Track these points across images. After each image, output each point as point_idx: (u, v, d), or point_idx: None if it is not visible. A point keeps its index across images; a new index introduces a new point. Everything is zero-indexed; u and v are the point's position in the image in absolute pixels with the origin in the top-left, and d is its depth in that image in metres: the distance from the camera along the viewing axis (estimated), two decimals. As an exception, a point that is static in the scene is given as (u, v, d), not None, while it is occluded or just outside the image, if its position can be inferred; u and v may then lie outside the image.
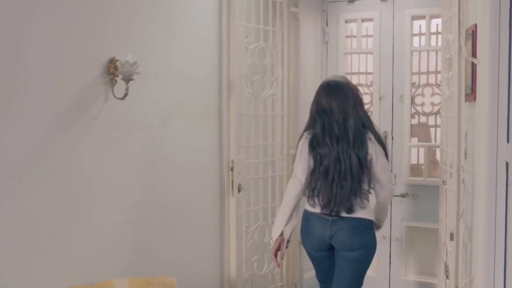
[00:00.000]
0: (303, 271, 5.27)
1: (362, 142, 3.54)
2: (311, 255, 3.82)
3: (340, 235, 3.60)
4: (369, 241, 3.63)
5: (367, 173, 3.59)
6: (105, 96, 3.28)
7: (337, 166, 3.53)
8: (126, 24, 3.44)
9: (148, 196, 3.63)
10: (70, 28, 3.09)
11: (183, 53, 3.90)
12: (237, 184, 4.27)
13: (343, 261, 3.64)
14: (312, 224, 3.69)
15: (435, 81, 5.11)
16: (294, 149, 3.79)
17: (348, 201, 3.55)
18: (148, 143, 3.63)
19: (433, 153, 5.22)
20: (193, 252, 4.02)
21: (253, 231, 4.47)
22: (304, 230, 3.76)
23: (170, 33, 3.79)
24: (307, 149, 3.59)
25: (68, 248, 3.11)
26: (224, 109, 4.23)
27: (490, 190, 3.43)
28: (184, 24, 3.91)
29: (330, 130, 3.55)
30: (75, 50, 3.11)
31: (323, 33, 5.47)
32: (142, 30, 3.56)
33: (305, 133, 3.67)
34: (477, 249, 3.58)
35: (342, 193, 3.53)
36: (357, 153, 3.52)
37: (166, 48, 3.75)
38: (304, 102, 5.17)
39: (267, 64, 4.59)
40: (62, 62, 3.04)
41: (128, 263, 3.47)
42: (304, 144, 3.62)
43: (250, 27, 4.40)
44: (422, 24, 5.14)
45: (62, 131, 3.07)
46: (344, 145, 3.52)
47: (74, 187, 3.14)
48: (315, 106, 3.64)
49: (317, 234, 3.67)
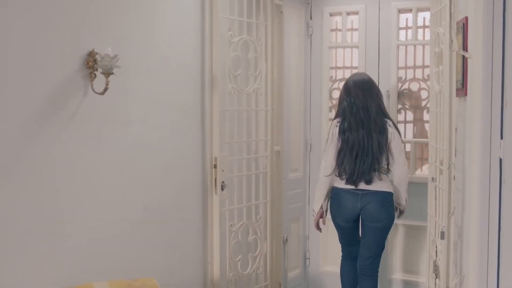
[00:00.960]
0: (287, 271, 5.20)
1: (383, 127, 4.25)
2: (340, 226, 4.47)
3: (369, 207, 4.28)
4: (391, 213, 4.34)
5: (386, 153, 4.27)
6: (84, 90, 3.18)
7: (361, 144, 4.21)
8: (106, 15, 3.34)
9: (129, 195, 3.55)
10: (46, 19, 2.96)
11: (165, 46, 3.81)
12: (221, 182, 4.19)
13: (370, 230, 4.36)
14: (344, 198, 4.34)
15: (422, 75, 5.03)
16: (327, 135, 4.49)
17: (368, 174, 4.24)
18: (129, 139, 3.54)
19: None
20: (176, 252, 3.95)
21: (237, 230, 4.39)
22: (336, 205, 4.39)
23: (151, 26, 3.69)
24: (337, 134, 4.30)
25: (48, 250, 3.03)
26: (206, 105, 4.15)
27: (484, 187, 3.37)
28: (166, 16, 3.82)
29: (356, 116, 4.25)
30: (51, 42, 3.00)
31: (307, 27, 5.36)
32: (122, 22, 3.46)
33: (334, 120, 4.39)
34: (468, 248, 3.52)
35: (364, 167, 4.22)
36: (377, 136, 4.22)
37: (148, 41, 3.66)
38: (289, 97, 5.09)
39: (251, 58, 4.50)
40: (38, 55, 2.93)
41: (109, 265, 3.39)
42: (334, 129, 4.32)
43: (233, 19, 4.30)
44: (408, 17, 5.06)
45: (39, 128, 2.96)
46: (367, 129, 4.22)
47: (54, 187, 3.06)
48: (345, 95, 4.35)
49: (350, 207, 4.32)
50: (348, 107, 4.30)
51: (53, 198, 3.05)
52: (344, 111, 4.33)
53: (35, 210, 2.94)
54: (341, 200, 4.36)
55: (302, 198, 5.44)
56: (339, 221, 4.44)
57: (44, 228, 2.99)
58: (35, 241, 2.94)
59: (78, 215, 3.19)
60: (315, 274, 5.50)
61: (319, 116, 5.40)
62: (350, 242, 4.55)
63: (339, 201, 4.36)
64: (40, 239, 2.97)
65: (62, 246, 3.10)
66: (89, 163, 3.26)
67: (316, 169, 5.40)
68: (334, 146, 4.32)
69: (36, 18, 2.91)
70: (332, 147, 4.32)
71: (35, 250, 2.95)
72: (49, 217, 3.02)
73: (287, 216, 5.14)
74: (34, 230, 2.93)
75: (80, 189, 3.20)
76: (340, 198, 4.36)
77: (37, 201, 2.96)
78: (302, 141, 5.40)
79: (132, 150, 3.56)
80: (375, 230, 4.33)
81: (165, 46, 3.81)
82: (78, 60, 3.13)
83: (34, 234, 2.93)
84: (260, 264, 4.62)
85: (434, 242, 3.92)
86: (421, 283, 4.65)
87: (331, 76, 5.40)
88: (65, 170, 3.11)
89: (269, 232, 4.71)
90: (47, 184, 3.01)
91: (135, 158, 3.58)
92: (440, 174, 3.81)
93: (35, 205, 2.94)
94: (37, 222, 2.95)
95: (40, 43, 2.93)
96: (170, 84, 3.84)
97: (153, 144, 3.72)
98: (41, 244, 2.98)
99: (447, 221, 3.66)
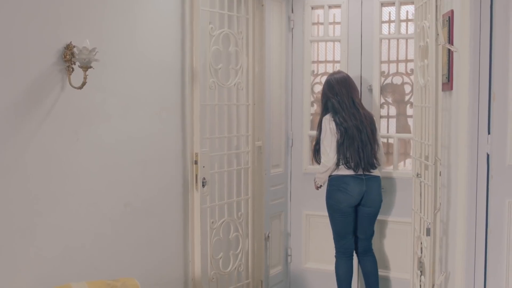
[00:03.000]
0: (269, 268, 5.13)
1: (370, 117, 4.67)
2: (343, 213, 4.67)
3: (371, 191, 4.66)
4: (382, 197, 4.78)
5: (375, 140, 4.67)
6: (61, 85, 3.09)
7: (359, 134, 4.57)
8: (84, 7, 3.24)
9: (108, 193, 3.46)
10: (20, 10, 2.86)
11: (145, 40, 3.72)
12: (201, 178, 4.11)
13: (366, 214, 4.71)
14: (352, 184, 4.62)
15: (405, 70, 4.97)
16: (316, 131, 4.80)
17: (371, 160, 4.62)
18: (108, 135, 3.45)
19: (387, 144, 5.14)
20: (156, 251, 3.87)
21: (218, 227, 4.31)
22: (343, 191, 4.63)
23: (131, 18, 3.60)
24: (334, 127, 4.59)
25: (24, 251, 2.95)
26: (187, 99, 4.07)
27: (471, 182, 3.35)
28: (145, 9, 3.72)
29: (347, 110, 4.60)
30: (26, 34, 2.90)
31: (289, 20, 5.28)
32: (101, 14, 3.37)
33: (327, 116, 4.66)
34: (454, 244, 3.48)
35: (366, 156, 4.59)
36: (369, 125, 4.61)
37: (127, 34, 3.57)
38: (270, 91, 5.02)
39: (232, 52, 4.42)
40: (11, 48, 2.83)
41: (88, 265, 3.31)
42: (329, 124, 4.62)
43: (214, 12, 4.21)
44: (391, 11, 4.99)
45: (13, 124, 2.87)
46: (359, 120, 4.58)
47: (30, 185, 2.97)
48: (329, 93, 4.67)
49: (357, 192, 4.62)
50: (337, 103, 4.63)
51: (28, 197, 2.95)
52: (333, 107, 4.65)
53: (8, 210, 2.85)
54: (348, 186, 4.62)
55: (284, 194, 5.37)
56: (344, 207, 4.66)
57: (18, 228, 2.90)
58: (8, 242, 2.85)
59: (54, 214, 3.11)
60: (297, 271, 5.43)
61: (300, 110, 5.33)
62: (348, 231, 4.75)
63: (346, 187, 4.62)
64: (14, 239, 2.88)
65: (38, 246, 3.01)
66: (67, 159, 3.17)
67: (298, 164, 5.36)
68: (334, 139, 4.60)
69: (9, 9, 2.80)
70: (333, 139, 4.60)
71: (9, 252, 2.86)
72: (24, 217, 2.93)
73: (269, 213, 5.08)
74: (7, 231, 2.84)
75: (57, 187, 3.11)
76: (347, 184, 4.62)
77: (9, 200, 2.86)
78: (284, 136, 5.33)
79: (111, 146, 3.47)
80: (370, 214, 4.71)
81: (145, 39, 3.72)
82: (54, 53, 3.04)
83: (7, 235, 2.84)
84: (241, 262, 4.55)
85: (419, 239, 3.87)
86: (406, 279, 4.60)
87: (313, 70, 5.32)
88: (41, 166, 3.01)
89: (251, 229, 4.64)
90: (21, 182, 2.92)
91: (114, 154, 3.49)
92: (425, 170, 3.76)
93: (7, 204, 2.85)
94: (10, 222, 2.86)
95: (13, 35, 2.83)
96: (149, 78, 3.76)
97: (133, 140, 3.64)
98: (15, 245, 2.89)
99: (433, 217, 3.60)
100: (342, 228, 4.75)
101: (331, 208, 4.71)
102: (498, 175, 3.25)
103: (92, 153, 3.33)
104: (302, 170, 5.36)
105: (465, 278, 3.37)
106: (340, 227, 4.75)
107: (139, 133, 3.68)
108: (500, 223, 3.26)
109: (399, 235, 5.04)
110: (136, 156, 3.67)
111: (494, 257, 3.29)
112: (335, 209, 4.69)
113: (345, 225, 4.73)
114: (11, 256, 2.86)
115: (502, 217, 3.25)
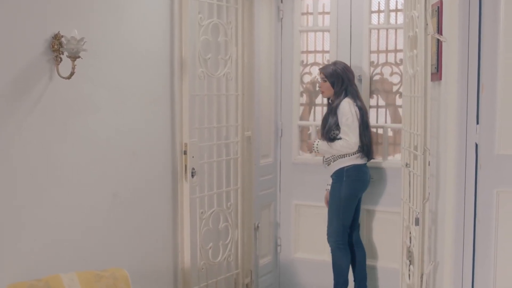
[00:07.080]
0: (258, 258, 5.14)
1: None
2: (354, 203, 4.80)
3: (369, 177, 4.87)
4: None
5: None
6: (49, 75, 3.07)
7: (367, 121, 4.74)
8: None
9: (97, 184, 3.46)
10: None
11: (133, 30, 3.71)
12: (191, 169, 4.11)
13: (359, 202, 4.88)
14: (367, 172, 4.80)
15: (394, 60, 4.98)
16: (348, 115, 4.68)
17: (373, 149, 4.86)
18: (97, 126, 3.44)
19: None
20: (145, 241, 3.87)
21: (208, 217, 4.31)
22: (362, 180, 4.78)
23: (119, 8, 3.58)
24: (358, 111, 4.67)
25: (12, 242, 2.94)
26: (176, 89, 4.06)
27: (459, 172, 3.36)
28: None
29: (359, 95, 4.80)
30: (13, 23, 2.88)
31: (278, 10, 5.27)
32: (89, 4, 3.35)
33: (345, 100, 4.68)
34: (443, 234, 3.50)
35: (371, 144, 4.80)
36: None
37: (115, 24, 3.55)
38: (259, 81, 5.01)
39: (221, 42, 4.40)
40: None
41: (77, 256, 3.31)
42: (354, 108, 4.66)
43: (203, 2, 4.19)
44: (381, 1, 4.99)
45: (0, 114, 2.85)
46: (364, 106, 4.76)
47: (17, 177, 2.95)
48: (350, 75, 4.75)
49: (368, 179, 4.82)
50: (353, 89, 4.74)
51: (14, 190, 2.95)
52: (351, 92, 4.71)
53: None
54: (365, 175, 4.80)
55: (273, 184, 5.37)
56: (360, 194, 4.85)
57: (4, 221, 2.89)
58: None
59: (43, 206, 3.10)
60: (287, 261, 5.45)
61: (290, 101, 5.33)
62: (351, 222, 4.84)
63: (365, 177, 4.80)
64: (1, 233, 2.88)
65: (26, 239, 3.01)
66: (54, 151, 3.16)
67: (288, 154, 5.36)
68: (357, 123, 4.66)
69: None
70: (358, 124, 4.66)
71: (5, 244, 2.89)
72: (11, 210, 2.93)
73: (258, 203, 5.07)
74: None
75: (45, 178, 3.10)
76: (365, 174, 4.80)
77: (3, 192, 2.87)
78: (273, 126, 5.32)
79: (100, 137, 3.46)
80: (359, 200, 4.90)
81: (133, 29, 3.70)
82: (42, 43, 3.03)
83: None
84: (231, 252, 4.55)
85: (408, 228, 3.88)
86: (396, 269, 4.61)
87: (302, 60, 5.32)
88: (28, 158, 3.00)
89: (240, 219, 4.64)
90: (7, 175, 2.91)
91: (103, 144, 3.49)
92: (414, 160, 3.76)
93: (0, 196, 2.84)
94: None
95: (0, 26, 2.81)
96: (138, 69, 3.74)
97: (122, 130, 3.63)
98: (2, 239, 2.88)
99: (421, 207, 3.61)
100: (349, 219, 4.81)
101: (349, 199, 4.76)
102: (486, 165, 3.27)
103: (81, 144, 3.32)
104: (291, 160, 5.37)
105: (454, 268, 3.39)
106: (349, 218, 4.80)
107: (127, 124, 3.67)
108: (489, 212, 3.27)
109: (388, 225, 5.05)
110: (125, 147, 3.66)
111: (482, 247, 3.31)
112: (354, 199, 4.78)
113: (352, 213, 4.82)
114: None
115: (490, 207, 3.27)
